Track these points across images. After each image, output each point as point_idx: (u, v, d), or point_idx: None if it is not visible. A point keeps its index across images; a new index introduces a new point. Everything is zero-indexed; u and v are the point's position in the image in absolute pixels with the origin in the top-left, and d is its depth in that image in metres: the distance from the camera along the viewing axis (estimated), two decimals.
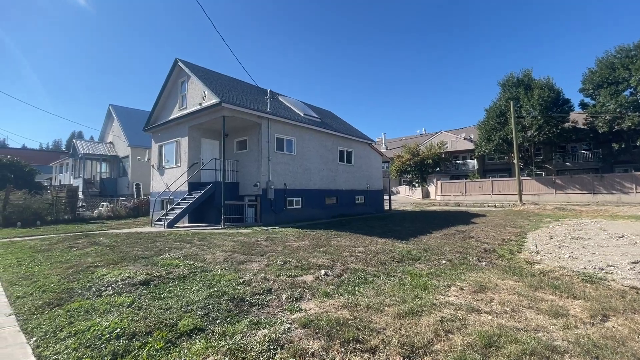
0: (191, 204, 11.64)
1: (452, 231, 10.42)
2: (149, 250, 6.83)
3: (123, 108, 24.52)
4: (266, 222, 12.46)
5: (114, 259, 6.03)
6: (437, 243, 8.18)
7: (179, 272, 5.13)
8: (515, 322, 3.45)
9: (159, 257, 6.15)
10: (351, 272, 5.33)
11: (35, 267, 5.57)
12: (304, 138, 14.87)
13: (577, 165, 29.96)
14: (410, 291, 4.48)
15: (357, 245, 7.71)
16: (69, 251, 7.00)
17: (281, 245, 7.64)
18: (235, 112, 11.67)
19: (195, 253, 6.61)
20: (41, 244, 8.00)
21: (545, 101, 25.55)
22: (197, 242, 8.08)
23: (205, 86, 12.06)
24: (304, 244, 7.91)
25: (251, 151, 13.15)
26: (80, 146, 22.63)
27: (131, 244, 7.65)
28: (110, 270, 5.15)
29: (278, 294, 4.26)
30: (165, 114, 15.03)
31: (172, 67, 14.14)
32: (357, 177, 18.43)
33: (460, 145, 36.97)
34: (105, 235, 9.38)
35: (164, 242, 7.91)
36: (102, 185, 22.16)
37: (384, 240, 8.40)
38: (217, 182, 12.53)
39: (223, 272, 5.18)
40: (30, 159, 27.39)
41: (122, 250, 6.94)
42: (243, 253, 6.71)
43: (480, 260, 6.36)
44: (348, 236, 9.11)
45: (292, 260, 6.02)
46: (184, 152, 13.37)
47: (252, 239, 8.47)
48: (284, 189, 13.51)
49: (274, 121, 13.26)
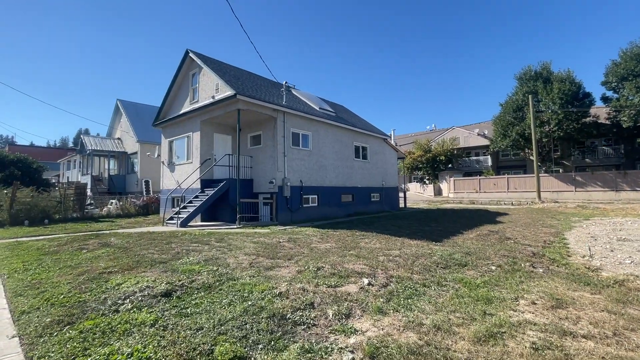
0: (204, 202, 11.08)
1: (483, 231, 9.72)
2: (165, 253, 6.26)
3: (131, 103, 23.99)
4: (282, 220, 11.87)
5: (128, 263, 5.46)
6: (475, 245, 7.50)
7: (202, 280, 4.54)
8: (627, 351, 2.79)
9: (178, 262, 5.57)
10: (397, 281, 4.69)
11: (42, 273, 5.02)
12: (320, 133, 14.21)
13: (597, 161, 28.89)
14: (473, 305, 3.84)
15: (390, 247, 7.07)
16: (79, 253, 6.47)
17: (306, 248, 7.03)
18: (250, 104, 11.05)
19: (216, 257, 6.02)
20: (49, 245, 7.48)
21: (566, 95, 24.54)
22: (214, 243, 7.51)
23: (219, 77, 11.44)
24: (331, 246, 7.29)
25: (266, 146, 12.53)
26: (88, 142, 22.15)
27: (145, 246, 7.11)
28: (126, 278, 4.58)
29: (323, 309, 3.64)
30: (176, 108, 14.46)
31: (182, 59, 13.54)
32: (372, 174, 17.75)
33: (474, 141, 36.00)
34: (116, 235, 8.86)
35: (180, 244, 7.35)
36: (111, 182, 21.72)
37: (417, 242, 7.74)
38: (230, 179, 11.96)
39: (252, 280, 4.58)
40: (37, 155, 27.19)
41: (136, 252, 6.38)
42: (268, 257, 6.11)
43: (534, 266, 5.68)
44: (375, 237, 8.47)
45: (326, 265, 5.40)
46: (195, 148, 12.80)
47: (274, 240, 7.88)
48: (300, 186, 12.89)
49: (290, 115, 12.61)
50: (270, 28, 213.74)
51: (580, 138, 26.91)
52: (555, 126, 25.30)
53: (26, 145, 48.88)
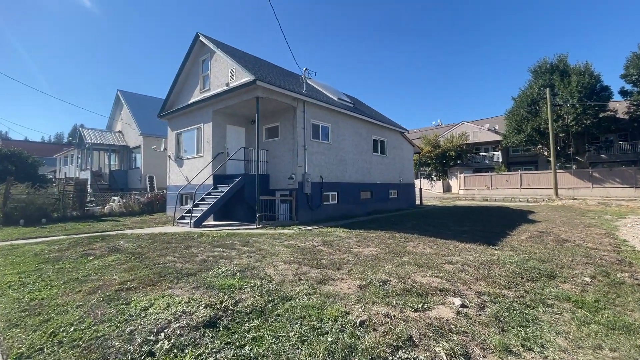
0: (219, 199, 10.08)
1: (532, 232, 8.81)
2: (189, 261, 5.28)
3: (133, 94, 22.64)
4: (303, 219, 10.91)
5: (149, 276, 4.47)
6: (538, 249, 6.58)
7: (249, 300, 3.57)
8: None
9: (209, 273, 4.59)
10: (491, 301, 3.75)
11: (43, 290, 4.03)
12: (339, 125, 13.21)
13: (613, 157, 28.11)
14: (616, 337, 2.92)
15: (446, 253, 6.13)
16: (86, 261, 5.47)
17: (349, 253, 6.08)
18: (270, 92, 10.02)
19: (251, 266, 5.05)
20: (49, 249, 6.46)
21: (585, 88, 23.65)
22: (240, 247, 6.54)
23: (235, 62, 10.38)
24: (376, 251, 6.33)
25: (284, 139, 11.51)
26: (87, 135, 20.82)
27: (161, 251, 6.12)
28: (152, 298, 3.60)
29: (429, 347, 2.69)
30: (184, 97, 13.37)
31: (191, 44, 12.44)
32: (390, 169, 16.80)
33: (484, 136, 35.13)
34: (125, 237, 7.85)
35: (201, 248, 6.37)
36: (112, 178, 20.51)
37: (470, 246, 6.81)
38: (246, 174, 10.95)
39: (312, 300, 3.62)
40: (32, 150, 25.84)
41: (153, 260, 5.39)
42: (311, 265, 5.16)
43: (636, 277, 4.76)
44: (418, 239, 7.53)
45: (391, 278, 4.45)
46: (207, 141, 11.75)
47: (307, 244, 6.91)
48: (321, 182, 11.91)
49: (310, 105, 11.60)
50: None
51: (598, 133, 26.10)
52: (572, 120, 24.44)
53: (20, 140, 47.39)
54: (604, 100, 24.70)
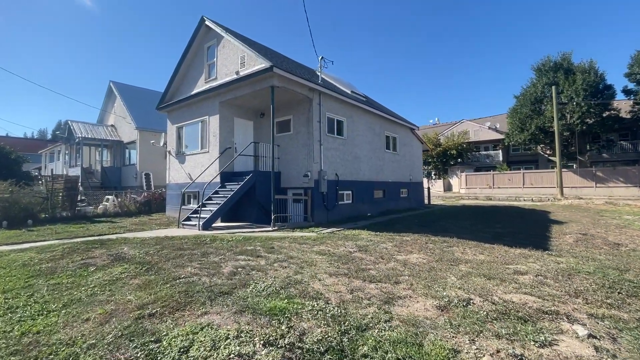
0: (229, 198, 9.16)
1: (572, 234, 8.20)
2: (215, 274, 4.40)
3: (127, 86, 21.18)
4: (318, 220, 10.09)
5: (172, 295, 3.59)
6: (598, 255, 5.92)
7: (316, 332, 2.75)
8: None
9: (247, 291, 3.74)
10: (615, 327, 3.00)
11: (38, 318, 3.11)
12: (354, 119, 12.42)
13: (614, 157, 28.11)
14: None
15: (506, 260, 5.39)
16: (86, 273, 4.54)
17: (394, 262, 5.29)
18: (286, 81, 9.14)
19: (292, 279, 4.22)
20: (40, 258, 5.48)
21: (591, 86, 23.44)
22: (266, 254, 5.69)
23: (247, 48, 9.46)
24: (422, 258, 5.57)
25: (298, 134, 10.64)
26: (77, 129, 19.32)
27: (175, 260, 5.22)
28: (187, 330, 2.74)
29: None
30: (186, 88, 12.35)
31: (196, 29, 11.43)
32: (401, 167, 16.11)
33: (484, 135, 34.86)
34: (127, 242, 6.89)
35: (221, 256, 5.50)
36: (104, 175, 19.12)
37: (522, 251, 6.10)
38: (257, 172, 10.06)
39: (395, 332, 2.81)
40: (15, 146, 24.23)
41: (170, 272, 4.50)
42: (362, 278, 4.35)
43: None
44: (461, 244, 6.80)
45: (470, 295, 3.68)
46: (213, 135, 10.79)
47: (340, 250, 6.10)
48: (336, 180, 11.10)
49: (326, 97, 10.76)
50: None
51: (601, 132, 26.00)
52: (577, 119, 24.23)
53: (2, 135, 45.00)
54: (607, 99, 24.57)
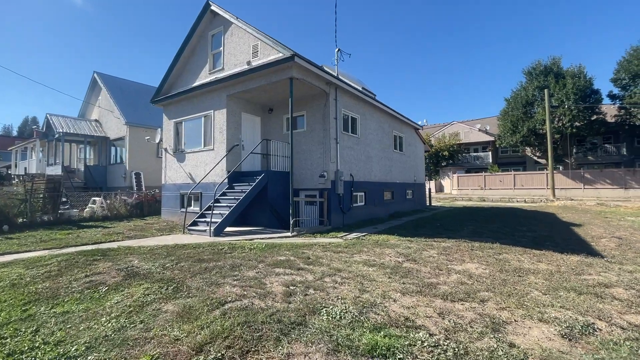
0: (241, 201, 8.30)
1: (602, 237, 7.95)
2: (267, 296, 3.63)
3: (113, 78, 19.40)
4: (335, 224, 9.40)
5: (231, 329, 2.80)
6: None
7: None
8: None
9: (323, 320, 3.01)
10: None
11: None
12: (366, 117, 11.82)
13: (599, 159, 29.13)
14: None
15: (573, 270, 4.91)
16: (99, 296, 3.65)
17: (455, 273, 4.71)
18: (306, 73, 8.40)
19: (362, 300, 3.53)
20: (31, 276, 4.48)
21: (580, 90, 24.10)
22: (304, 265, 4.97)
23: (262, 35, 8.64)
24: (482, 268, 5.01)
25: (312, 131, 9.91)
26: (57, 123, 17.37)
27: (203, 275, 4.39)
28: None
29: None
30: (186, 79, 11.31)
31: (199, 16, 10.45)
32: (407, 168, 15.69)
33: (474, 136, 35.33)
34: (133, 252, 5.94)
35: (255, 269, 4.71)
36: (88, 175, 17.40)
37: (579, 258, 5.67)
38: (269, 171, 9.25)
39: None
40: None
41: (206, 293, 3.69)
42: (437, 295, 3.74)
43: None
44: (507, 250, 6.31)
45: (590, 319, 3.12)
46: (219, 131, 9.86)
47: (386, 259, 5.45)
48: (351, 181, 10.46)
49: (342, 92, 10.10)
50: None
51: (588, 135, 26.82)
52: (568, 122, 24.85)
53: None
54: (594, 103, 25.36)
